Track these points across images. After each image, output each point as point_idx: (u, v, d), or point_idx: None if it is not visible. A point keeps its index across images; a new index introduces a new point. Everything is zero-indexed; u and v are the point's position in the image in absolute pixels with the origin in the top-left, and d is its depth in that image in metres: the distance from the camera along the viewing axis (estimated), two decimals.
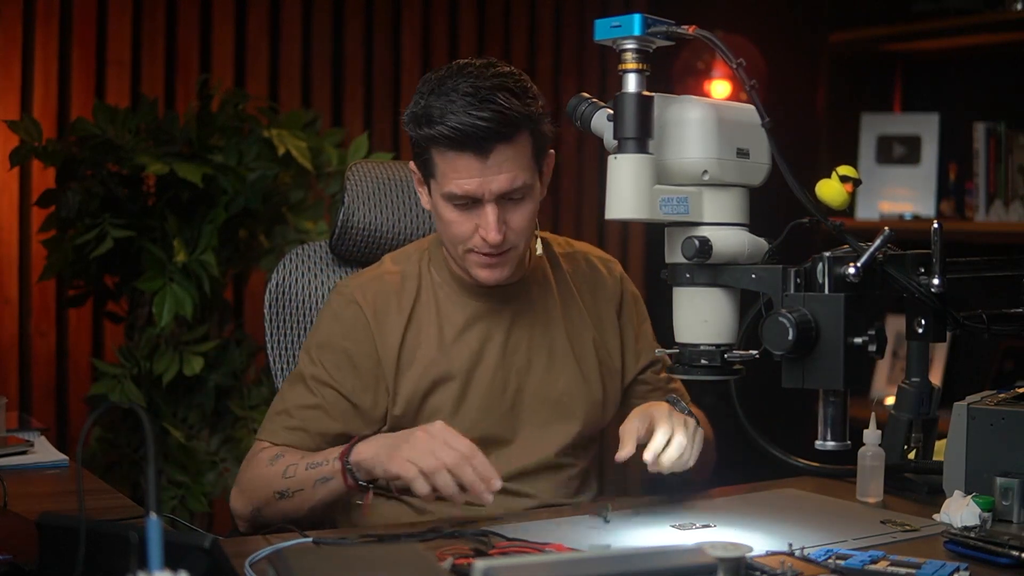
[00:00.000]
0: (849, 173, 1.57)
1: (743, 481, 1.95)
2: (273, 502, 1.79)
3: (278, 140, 3.05)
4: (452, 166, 1.76)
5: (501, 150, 1.74)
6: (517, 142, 1.76)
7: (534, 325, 1.94)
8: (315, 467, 1.76)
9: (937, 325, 1.73)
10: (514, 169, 1.76)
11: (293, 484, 1.77)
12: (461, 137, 1.72)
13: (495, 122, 1.72)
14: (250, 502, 1.84)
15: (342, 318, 1.90)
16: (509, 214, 1.79)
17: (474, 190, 1.76)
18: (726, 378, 1.62)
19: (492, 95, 1.73)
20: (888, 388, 3.75)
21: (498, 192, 1.76)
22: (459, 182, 1.75)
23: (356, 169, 2.16)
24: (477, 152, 1.73)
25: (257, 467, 1.84)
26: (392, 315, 1.90)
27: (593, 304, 2.00)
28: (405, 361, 1.89)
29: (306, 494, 1.76)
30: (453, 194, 1.77)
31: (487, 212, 1.77)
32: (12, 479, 1.83)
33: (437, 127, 1.73)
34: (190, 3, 3.65)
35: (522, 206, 1.80)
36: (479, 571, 1.05)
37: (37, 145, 2.99)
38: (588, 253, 2.07)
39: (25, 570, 1.32)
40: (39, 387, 3.45)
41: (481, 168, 1.74)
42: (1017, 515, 1.64)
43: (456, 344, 1.90)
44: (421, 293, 1.92)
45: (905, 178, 3.88)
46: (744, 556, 1.29)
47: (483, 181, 1.75)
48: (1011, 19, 3.48)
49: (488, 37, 4.20)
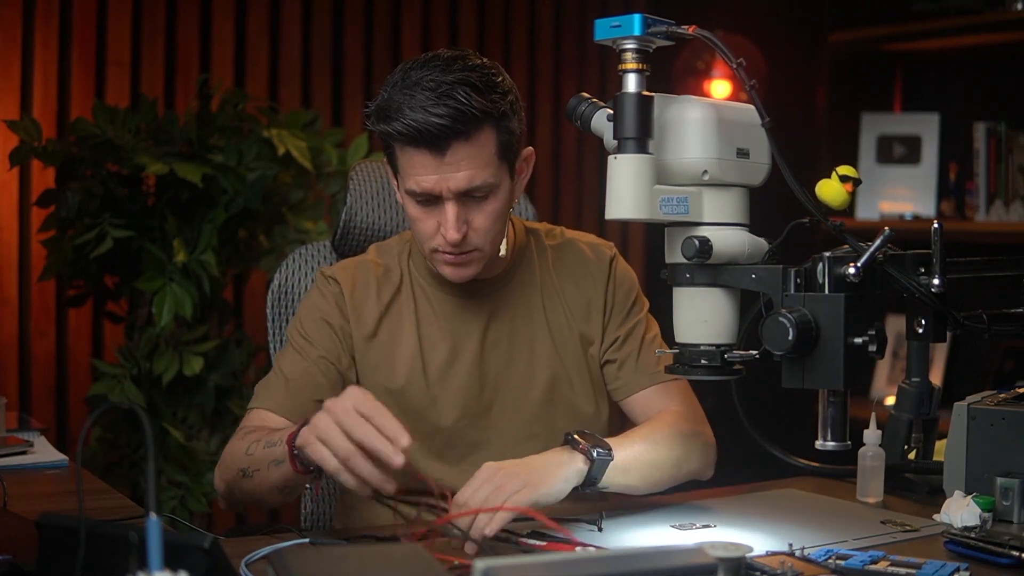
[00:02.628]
0: (849, 173, 1.57)
1: (743, 481, 1.95)
2: (238, 480, 1.71)
3: (278, 140, 3.05)
4: (411, 162, 1.73)
5: (458, 148, 1.70)
6: (477, 140, 1.71)
7: (515, 321, 1.91)
8: (271, 446, 1.63)
9: (937, 325, 1.73)
10: (473, 167, 1.72)
11: (252, 463, 1.67)
12: (416, 135, 1.69)
13: (451, 119, 1.68)
14: (223, 479, 1.76)
15: (324, 293, 1.90)
16: (471, 213, 1.75)
17: (431, 187, 1.72)
18: (726, 378, 1.61)
19: (452, 90, 1.68)
20: (888, 388, 3.75)
21: (456, 190, 1.72)
22: (417, 179, 1.72)
23: (359, 169, 2.16)
24: (433, 150, 1.70)
25: (231, 442, 1.76)
26: (370, 301, 1.89)
27: (580, 293, 1.94)
28: (379, 351, 1.87)
29: (262, 475, 1.64)
30: (413, 191, 1.74)
31: (447, 210, 1.73)
32: (12, 479, 1.83)
33: (393, 123, 1.70)
34: (190, 3, 3.65)
35: (485, 205, 1.76)
36: (479, 571, 1.05)
37: (37, 145, 2.99)
38: (578, 240, 2.00)
39: (25, 570, 1.32)
40: (39, 387, 3.45)
41: (438, 165, 1.71)
42: (1017, 515, 1.64)
43: (433, 340, 1.88)
44: (402, 287, 1.91)
45: (905, 178, 3.88)
46: (744, 556, 1.29)
47: (440, 179, 1.71)
48: (1011, 19, 3.48)
49: (488, 37, 4.20)
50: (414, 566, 1.19)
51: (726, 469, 1.96)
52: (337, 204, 3.16)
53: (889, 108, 4.01)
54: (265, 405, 1.82)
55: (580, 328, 1.93)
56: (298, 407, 1.79)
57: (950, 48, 3.78)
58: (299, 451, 1.51)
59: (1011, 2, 3.50)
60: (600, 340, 1.94)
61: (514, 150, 1.78)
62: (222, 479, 1.77)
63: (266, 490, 1.66)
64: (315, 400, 1.76)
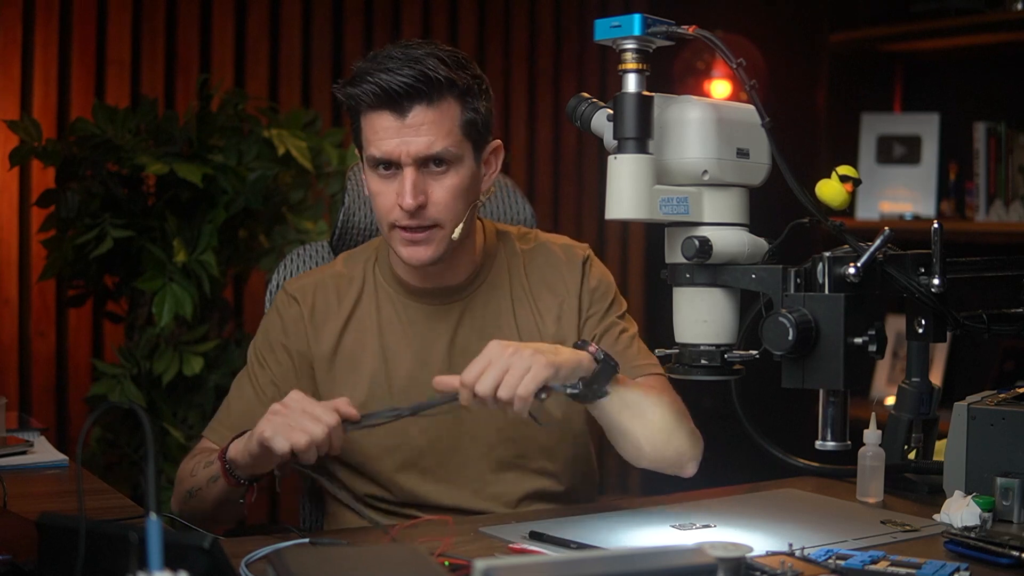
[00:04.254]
0: (849, 173, 1.57)
1: (743, 481, 1.95)
2: (187, 500, 1.78)
3: (278, 140, 3.05)
4: (373, 127, 1.74)
5: (420, 111, 1.71)
6: (439, 106, 1.72)
7: (484, 328, 1.86)
8: (209, 465, 1.73)
9: (937, 325, 1.74)
10: (435, 133, 1.72)
11: (195, 483, 1.75)
12: (381, 94, 1.70)
13: (414, 79, 1.69)
14: (176, 500, 1.82)
15: (284, 315, 1.89)
16: (430, 185, 1.75)
17: (392, 151, 1.72)
18: (726, 378, 1.62)
19: (420, 59, 1.71)
20: (888, 388, 3.75)
21: (416, 154, 1.72)
22: (379, 143, 1.73)
23: (357, 170, 2.16)
24: (395, 110, 1.71)
25: (182, 464, 1.83)
26: (331, 317, 1.88)
27: (551, 298, 1.91)
28: (342, 365, 1.86)
29: (203, 493, 1.74)
30: (373, 157, 1.75)
31: (405, 176, 1.73)
32: (12, 479, 1.83)
33: (360, 86, 1.72)
34: (190, 3, 3.65)
35: (445, 178, 1.75)
36: (479, 571, 1.05)
37: (37, 145, 2.99)
38: (550, 243, 1.96)
39: (25, 570, 1.32)
40: (39, 387, 3.45)
41: (399, 127, 1.72)
42: (1017, 515, 1.64)
43: (397, 349, 1.85)
44: (363, 296, 1.89)
45: (905, 178, 3.88)
46: (744, 556, 1.29)
47: (401, 142, 1.72)
48: (1011, 19, 3.48)
49: (488, 37, 4.20)
50: (414, 566, 1.19)
51: (726, 469, 1.97)
52: (337, 204, 3.16)
53: (889, 108, 4.01)
54: (211, 436, 1.87)
55: (551, 332, 1.88)
56: None
57: (950, 48, 3.78)
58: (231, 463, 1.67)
59: (1011, 2, 3.49)
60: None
61: (480, 131, 1.78)
62: (175, 500, 1.83)
63: (209, 506, 1.75)
64: None
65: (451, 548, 1.47)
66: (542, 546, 1.53)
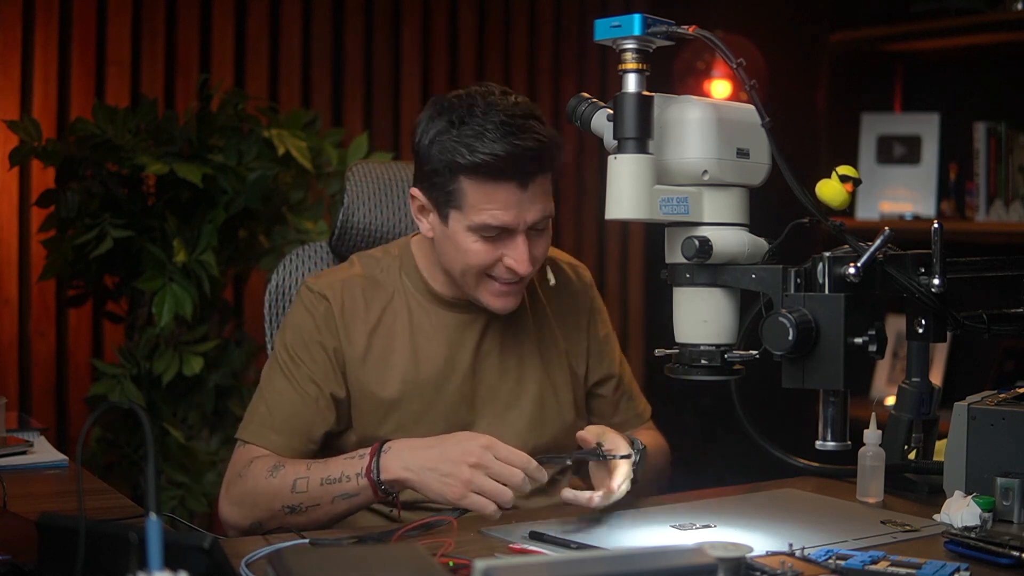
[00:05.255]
0: (849, 173, 1.57)
1: (743, 481, 1.95)
2: (281, 516, 1.74)
3: (278, 140, 3.05)
4: (488, 196, 1.73)
5: (540, 181, 1.74)
6: (549, 174, 1.77)
7: (504, 338, 1.93)
8: (332, 483, 1.71)
9: (937, 325, 1.73)
10: (545, 199, 1.76)
11: (307, 500, 1.72)
12: (503, 166, 1.70)
13: (536, 150, 1.71)
14: (250, 515, 1.78)
15: (315, 313, 1.89)
16: (533, 244, 1.78)
17: (511, 221, 1.73)
18: (726, 378, 1.62)
19: (527, 123, 1.71)
20: (888, 388, 3.75)
21: (531, 223, 1.75)
22: (495, 213, 1.73)
23: (356, 169, 2.16)
24: (519, 182, 1.72)
25: (254, 480, 1.77)
26: (359, 318, 1.89)
27: (563, 312, 2.00)
28: (373, 364, 1.88)
29: (323, 509, 1.72)
30: (487, 225, 1.74)
31: (519, 243, 1.75)
32: (12, 479, 1.83)
33: (477, 155, 1.70)
34: (190, 3, 3.65)
35: (544, 236, 1.81)
36: (479, 571, 1.05)
37: (37, 145, 2.99)
38: (557, 259, 2.05)
39: (25, 570, 1.32)
40: (39, 387, 3.45)
41: (519, 199, 1.73)
42: (1017, 515, 1.64)
43: (426, 354, 1.89)
44: (394, 300, 1.91)
45: (905, 178, 3.88)
46: (744, 556, 1.29)
47: (520, 212, 1.73)
48: (1011, 19, 3.48)
49: (488, 37, 4.20)
50: (414, 566, 1.19)
51: (726, 469, 1.97)
52: (337, 204, 3.16)
53: (889, 108, 4.01)
54: (260, 443, 1.84)
55: (565, 342, 1.98)
56: (294, 444, 1.83)
57: (950, 48, 3.78)
58: (387, 484, 1.67)
59: (1011, 2, 3.49)
60: (584, 364, 2.01)
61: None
62: (249, 515, 1.78)
63: (325, 521, 1.73)
64: (308, 434, 1.84)
65: (452, 548, 1.47)
66: (542, 546, 1.54)
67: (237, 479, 1.81)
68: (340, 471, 1.71)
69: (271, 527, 1.75)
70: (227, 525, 1.82)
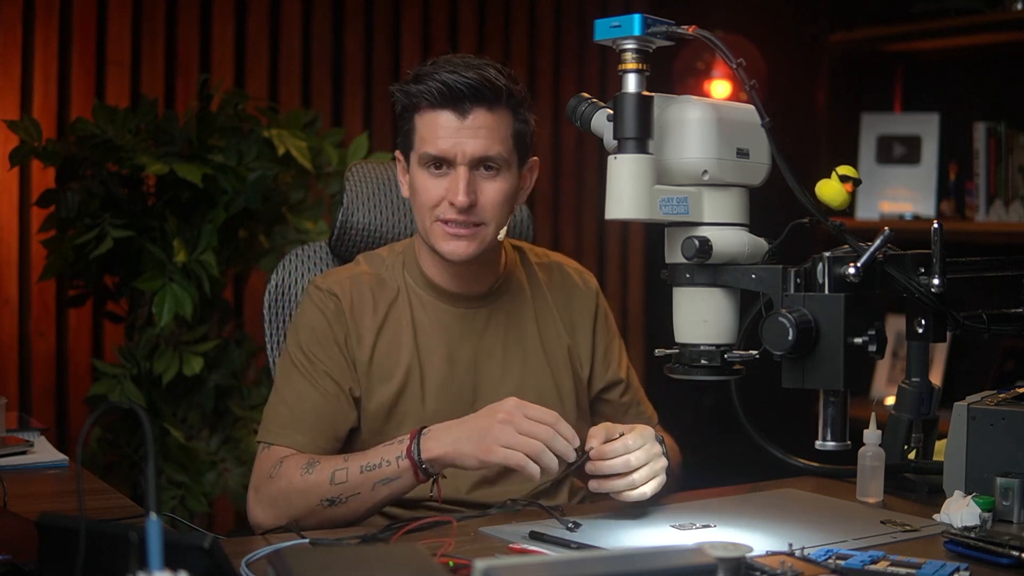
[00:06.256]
0: (849, 173, 1.57)
1: (743, 481, 1.95)
2: (319, 511, 1.73)
3: (278, 140, 3.05)
4: (431, 125, 1.81)
5: (480, 114, 1.80)
6: (497, 112, 1.81)
7: (508, 333, 1.95)
8: (372, 469, 1.71)
9: (937, 325, 1.73)
10: (491, 138, 1.80)
11: (347, 489, 1.71)
12: (444, 92, 1.78)
13: (477, 82, 1.78)
14: (285, 515, 1.75)
15: (326, 310, 1.90)
16: (481, 185, 1.82)
17: (448, 149, 1.80)
18: (726, 378, 1.62)
19: (482, 67, 1.81)
20: (888, 388, 3.75)
21: (472, 155, 1.80)
22: (435, 141, 1.80)
23: (356, 169, 2.16)
24: (456, 110, 1.79)
25: (288, 478, 1.76)
26: (367, 315, 1.91)
27: (568, 313, 2.02)
28: (378, 363, 1.89)
29: (363, 497, 1.72)
30: (428, 154, 1.81)
31: (458, 174, 1.80)
32: (12, 479, 1.83)
33: (424, 84, 1.80)
34: (190, 3, 3.65)
35: (494, 181, 1.83)
36: (479, 571, 1.05)
37: (37, 145, 2.99)
38: (564, 264, 2.08)
39: (25, 570, 1.32)
40: (39, 387, 3.45)
41: (458, 127, 1.79)
42: (1017, 515, 1.64)
43: (430, 348, 1.91)
44: (399, 297, 1.93)
45: (905, 178, 3.88)
46: (744, 556, 1.29)
47: (458, 141, 1.79)
48: (1011, 19, 3.48)
49: (488, 37, 4.20)
50: (414, 566, 1.19)
51: (726, 469, 1.97)
52: (336, 204, 3.16)
53: (889, 108, 4.01)
54: (286, 444, 1.84)
55: (568, 344, 2.00)
56: (319, 443, 1.84)
57: (950, 48, 3.78)
58: (428, 464, 1.68)
59: (1011, 2, 3.50)
60: (588, 368, 2.02)
61: (525, 143, 1.87)
62: (283, 515, 1.76)
63: (363, 512, 1.74)
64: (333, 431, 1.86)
65: (452, 548, 1.47)
66: (542, 546, 1.54)
67: (267, 481, 1.79)
68: (380, 457, 1.72)
69: (310, 524, 1.73)
70: (259, 529, 1.80)
